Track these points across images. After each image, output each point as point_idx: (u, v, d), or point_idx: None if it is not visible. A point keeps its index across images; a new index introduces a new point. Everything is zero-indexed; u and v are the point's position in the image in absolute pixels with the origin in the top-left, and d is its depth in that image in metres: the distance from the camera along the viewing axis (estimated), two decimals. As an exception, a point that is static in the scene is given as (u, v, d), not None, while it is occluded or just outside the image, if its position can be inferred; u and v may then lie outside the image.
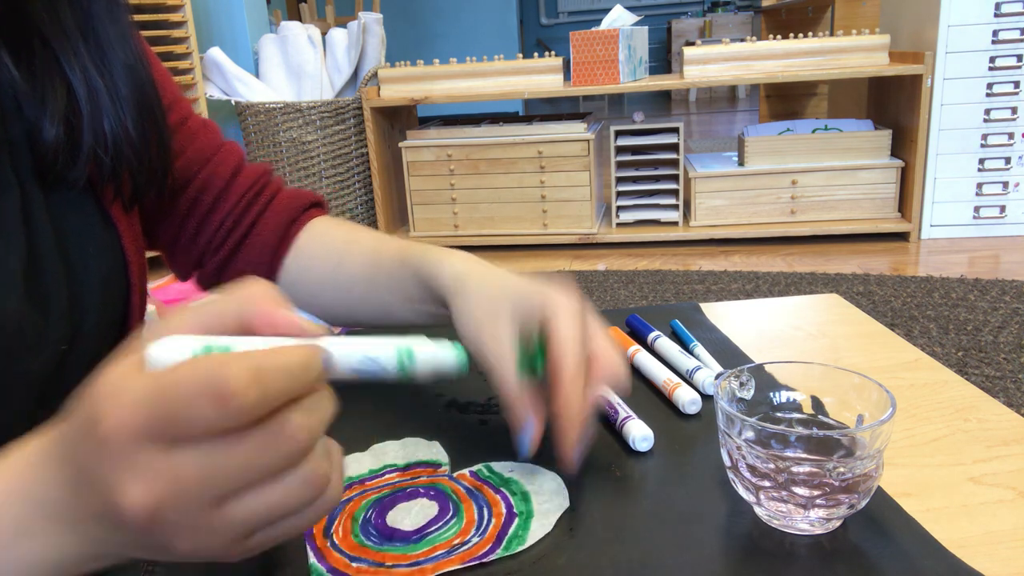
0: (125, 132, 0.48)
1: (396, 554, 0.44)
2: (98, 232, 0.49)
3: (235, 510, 0.28)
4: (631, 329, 0.79)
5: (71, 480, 0.29)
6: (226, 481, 0.27)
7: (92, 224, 0.49)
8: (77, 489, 0.29)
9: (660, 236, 2.51)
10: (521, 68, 2.50)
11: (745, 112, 5.94)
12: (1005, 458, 0.52)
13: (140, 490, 0.27)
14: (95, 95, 0.46)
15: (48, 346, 0.43)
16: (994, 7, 2.23)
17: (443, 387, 0.70)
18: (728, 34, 6.71)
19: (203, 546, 0.29)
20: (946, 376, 0.65)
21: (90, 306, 0.47)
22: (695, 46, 2.45)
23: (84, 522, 0.30)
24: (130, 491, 0.27)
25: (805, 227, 2.43)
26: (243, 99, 2.65)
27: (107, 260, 0.49)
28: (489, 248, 2.63)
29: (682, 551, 0.44)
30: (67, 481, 0.29)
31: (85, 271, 0.47)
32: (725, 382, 0.48)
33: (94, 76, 0.46)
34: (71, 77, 0.45)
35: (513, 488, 0.50)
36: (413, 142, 2.56)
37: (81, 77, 0.46)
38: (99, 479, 0.27)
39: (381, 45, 2.77)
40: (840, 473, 0.42)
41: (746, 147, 2.46)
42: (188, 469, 0.27)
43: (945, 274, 2.07)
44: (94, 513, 0.29)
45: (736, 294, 2.01)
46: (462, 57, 2.62)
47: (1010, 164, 2.33)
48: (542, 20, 8.11)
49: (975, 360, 1.53)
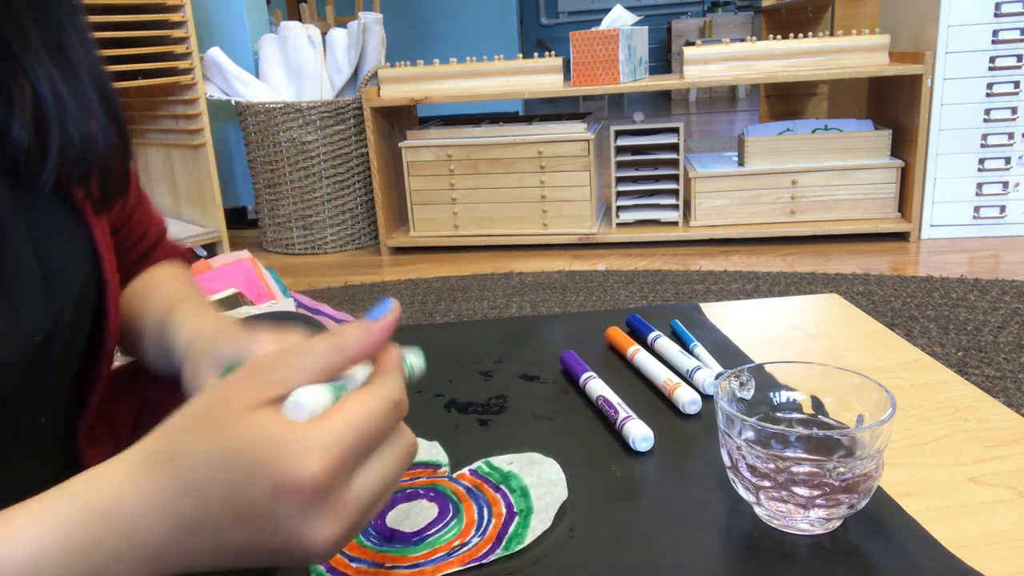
0: (92, 136, 0.48)
1: (396, 555, 0.44)
2: (70, 229, 0.50)
3: (374, 496, 0.33)
4: (631, 329, 0.79)
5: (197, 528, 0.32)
6: (385, 481, 0.33)
7: (63, 221, 0.49)
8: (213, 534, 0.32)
9: (660, 236, 2.51)
10: (521, 68, 2.50)
11: (745, 112, 5.94)
12: (1005, 458, 0.52)
13: (332, 528, 0.31)
14: (60, 99, 0.47)
15: (21, 337, 0.44)
16: (994, 7, 2.23)
17: (443, 387, 0.70)
18: (728, 34, 6.71)
19: (346, 541, 0.33)
20: (946, 376, 0.65)
21: (66, 299, 0.47)
22: (695, 46, 2.45)
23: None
24: (323, 532, 0.31)
25: (805, 227, 2.43)
26: (243, 99, 2.65)
27: (80, 255, 0.50)
28: (489, 248, 2.63)
29: (682, 551, 0.44)
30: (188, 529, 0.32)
31: (59, 264, 0.48)
32: (725, 382, 0.48)
33: (59, 81, 0.47)
34: (36, 82, 0.46)
35: (512, 485, 0.50)
36: (413, 142, 2.57)
37: (47, 82, 0.46)
38: (284, 530, 0.31)
39: (381, 45, 2.77)
40: (840, 473, 0.42)
41: (746, 147, 2.46)
42: (365, 485, 0.32)
43: (945, 274, 2.07)
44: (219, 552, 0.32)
45: (736, 294, 2.01)
46: (462, 57, 2.62)
47: (1010, 164, 2.33)
48: (542, 20, 8.11)
49: (975, 360, 1.53)
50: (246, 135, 2.72)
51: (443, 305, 2.07)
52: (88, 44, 0.49)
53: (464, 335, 0.82)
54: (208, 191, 2.62)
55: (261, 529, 0.31)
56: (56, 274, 0.47)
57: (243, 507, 0.31)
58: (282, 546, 0.31)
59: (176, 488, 0.32)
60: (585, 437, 0.58)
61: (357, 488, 0.32)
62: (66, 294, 0.47)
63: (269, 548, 0.32)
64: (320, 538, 0.31)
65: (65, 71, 0.47)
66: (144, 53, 2.36)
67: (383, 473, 0.33)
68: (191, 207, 2.74)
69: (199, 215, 2.71)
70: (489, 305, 2.04)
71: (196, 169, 2.64)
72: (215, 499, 0.31)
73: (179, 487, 0.32)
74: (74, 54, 0.48)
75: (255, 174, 2.77)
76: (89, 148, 0.48)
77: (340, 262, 2.64)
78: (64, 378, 0.51)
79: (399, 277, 2.37)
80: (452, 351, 0.77)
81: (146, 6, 2.36)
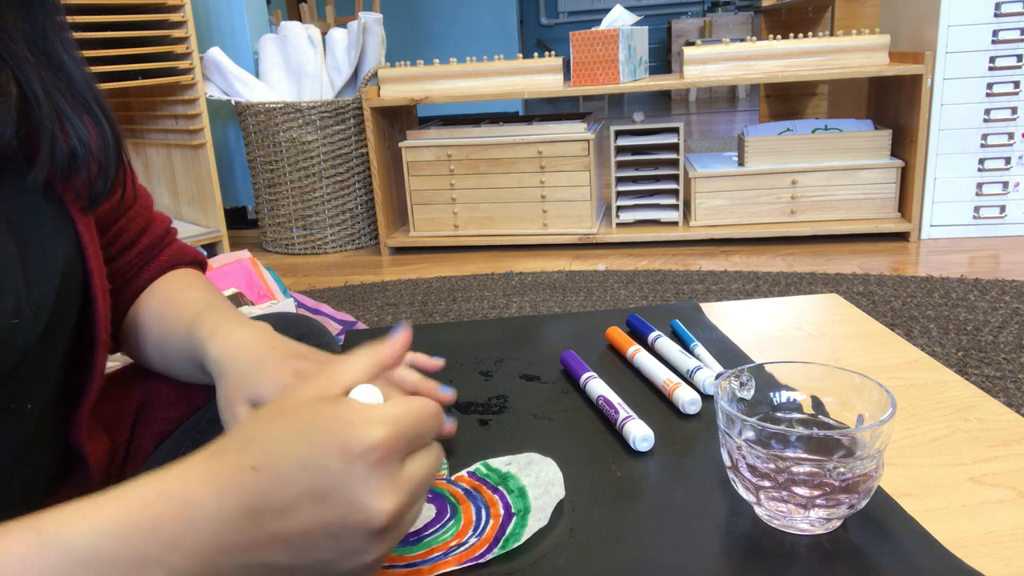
0: (82, 135, 0.48)
1: (393, 555, 0.44)
2: (53, 219, 0.50)
3: (422, 482, 0.36)
4: (631, 329, 0.79)
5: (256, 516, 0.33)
6: (427, 473, 0.36)
7: (46, 211, 0.49)
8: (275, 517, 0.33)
9: (660, 236, 2.51)
10: (521, 68, 2.50)
11: (745, 112, 5.94)
12: (1005, 458, 0.52)
13: (391, 500, 0.34)
14: (50, 99, 0.47)
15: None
16: (994, 7, 2.23)
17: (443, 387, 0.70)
18: (728, 34, 6.71)
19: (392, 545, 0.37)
20: (946, 376, 0.65)
21: (46, 285, 0.48)
22: (695, 46, 2.45)
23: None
24: (384, 501, 0.33)
25: (805, 227, 2.43)
26: (243, 99, 2.65)
27: (63, 244, 0.50)
28: (489, 248, 2.63)
29: (682, 551, 0.44)
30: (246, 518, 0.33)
31: (40, 251, 0.48)
32: (725, 382, 0.48)
33: (48, 81, 0.47)
34: (25, 83, 0.46)
35: (510, 485, 0.50)
36: (413, 142, 2.56)
37: (37, 83, 0.47)
38: (350, 495, 0.33)
39: (381, 45, 2.77)
40: (840, 473, 0.42)
41: (746, 147, 2.46)
42: (416, 469, 0.36)
43: (945, 274, 2.07)
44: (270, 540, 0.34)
45: (736, 294, 2.00)
46: (462, 57, 2.62)
47: (1010, 164, 2.33)
48: (542, 20, 8.11)
49: (975, 360, 1.53)
50: (246, 135, 2.72)
51: (443, 305, 2.07)
52: (71, 45, 0.50)
53: (464, 335, 0.82)
54: (208, 191, 2.62)
55: (326, 497, 0.33)
56: (37, 258, 0.47)
57: (311, 475, 0.33)
58: (345, 516, 0.33)
59: (245, 465, 0.33)
60: (585, 437, 0.58)
61: (410, 469, 0.35)
62: (47, 277, 0.48)
63: (334, 523, 0.33)
64: (380, 507, 0.33)
65: (53, 71, 0.48)
66: (144, 53, 2.36)
67: (426, 466, 0.36)
68: (191, 207, 2.74)
69: (199, 215, 2.71)
70: (489, 305, 2.04)
71: (196, 169, 2.64)
72: (284, 471, 0.33)
73: (248, 463, 0.33)
74: (59, 54, 0.48)
75: (255, 174, 2.77)
76: (79, 147, 0.48)
77: (340, 262, 2.64)
78: (52, 364, 0.51)
79: (399, 277, 2.37)
80: (452, 351, 0.77)
81: (146, 6, 2.36)
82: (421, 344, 0.81)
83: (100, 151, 0.51)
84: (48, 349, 0.49)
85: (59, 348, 0.51)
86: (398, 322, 0.44)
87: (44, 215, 0.49)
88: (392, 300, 2.14)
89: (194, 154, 2.61)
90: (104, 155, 0.51)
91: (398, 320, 1.97)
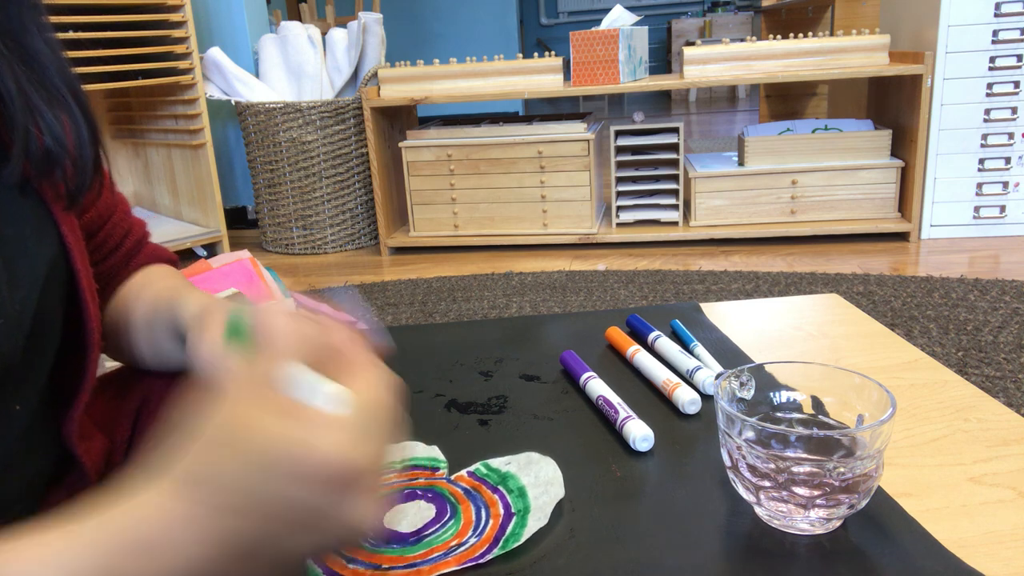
0: (58, 131, 0.48)
1: (393, 556, 0.44)
2: (34, 220, 0.49)
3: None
4: (631, 329, 0.79)
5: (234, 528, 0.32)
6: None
7: (26, 210, 0.49)
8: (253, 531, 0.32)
9: (660, 236, 2.51)
10: (521, 68, 2.50)
11: (745, 112, 5.94)
12: (1005, 458, 0.52)
13: (373, 508, 0.32)
14: (24, 94, 0.47)
15: None
16: (994, 7, 2.23)
17: (443, 387, 0.70)
18: (728, 34, 6.71)
19: None
20: (946, 376, 0.65)
21: (30, 286, 0.47)
22: (695, 46, 2.44)
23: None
24: (367, 508, 0.32)
25: (805, 227, 2.43)
26: (243, 99, 2.65)
27: (46, 245, 0.50)
28: (489, 248, 2.63)
29: (682, 551, 0.44)
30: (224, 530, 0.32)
31: (22, 251, 0.47)
32: (725, 382, 0.48)
33: (22, 77, 0.47)
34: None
35: (510, 485, 0.50)
36: (413, 142, 2.56)
37: (10, 79, 0.46)
38: (325, 515, 0.32)
39: (381, 45, 2.77)
40: (840, 473, 0.42)
41: (746, 147, 2.46)
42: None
43: (945, 274, 2.07)
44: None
45: (736, 294, 2.00)
46: (462, 57, 2.62)
47: (1010, 164, 2.33)
48: (542, 20, 8.10)
49: (975, 360, 1.53)
50: (246, 135, 2.72)
51: (443, 305, 2.07)
52: (51, 43, 0.49)
53: (464, 335, 0.82)
54: (208, 191, 2.62)
55: (314, 526, 0.32)
56: (19, 259, 0.47)
57: (292, 510, 0.31)
58: (334, 528, 0.32)
59: (214, 508, 0.31)
60: (585, 437, 0.58)
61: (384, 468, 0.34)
62: (30, 277, 0.47)
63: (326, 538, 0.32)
64: (366, 518, 0.32)
65: (27, 64, 0.47)
66: (144, 53, 2.36)
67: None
68: (191, 207, 2.74)
69: (199, 215, 2.71)
70: (489, 305, 2.04)
71: (196, 169, 2.64)
72: (256, 512, 0.31)
73: (216, 507, 0.31)
74: (35, 44, 0.48)
75: (255, 174, 2.77)
76: (54, 144, 0.48)
77: (340, 262, 2.64)
78: (40, 366, 0.50)
79: (399, 277, 2.37)
80: (452, 351, 0.77)
81: (146, 6, 2.36)
82: (421, 344, 0.81)
83: (75, 148, 0.50)
84: (35, 350, 0.49)
85: (47, 349, 0.51)
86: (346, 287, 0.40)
87: (24, 215, 0.49)
88: (392, 300, 2.14)
89: (194, 154, 2.61)
90: (79, 151, 0.51)
91: (398, 320, 1.98)
